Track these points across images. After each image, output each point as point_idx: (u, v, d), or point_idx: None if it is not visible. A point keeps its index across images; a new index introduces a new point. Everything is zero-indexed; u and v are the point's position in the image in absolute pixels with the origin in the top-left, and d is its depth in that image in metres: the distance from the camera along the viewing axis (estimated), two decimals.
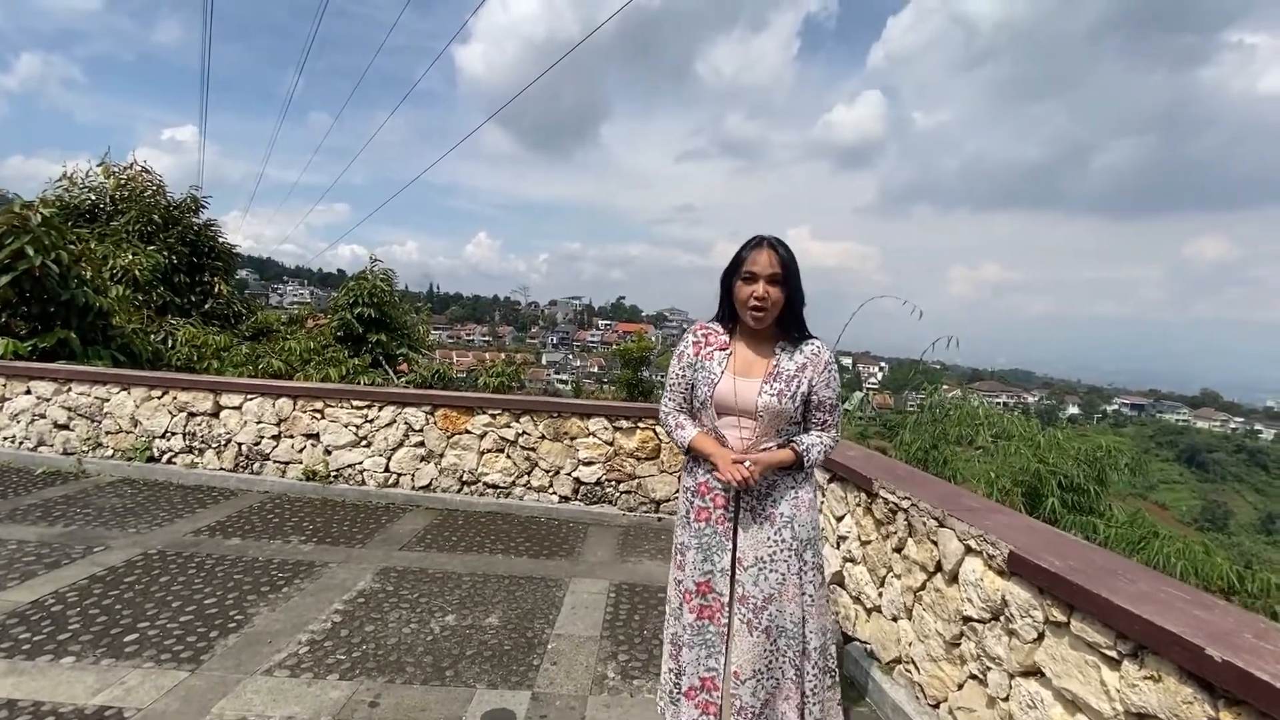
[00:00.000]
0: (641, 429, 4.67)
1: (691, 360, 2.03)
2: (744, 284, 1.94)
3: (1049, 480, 6.30)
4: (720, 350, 2.01)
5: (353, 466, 4.95)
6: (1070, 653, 1.72)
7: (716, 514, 1.99)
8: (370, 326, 10.32)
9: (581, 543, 4.23)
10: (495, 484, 4.80)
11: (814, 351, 1.98)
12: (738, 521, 1.98)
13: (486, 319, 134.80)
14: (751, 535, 1.96)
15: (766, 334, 2.00)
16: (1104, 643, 1.61)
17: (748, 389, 1.94)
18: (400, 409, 4.89)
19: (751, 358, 1.99)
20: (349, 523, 4.37)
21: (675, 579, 2.09)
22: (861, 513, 2.89)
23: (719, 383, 1.96)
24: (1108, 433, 11.76)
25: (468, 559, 3.84)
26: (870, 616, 2.79)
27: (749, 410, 1.93)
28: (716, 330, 2.06)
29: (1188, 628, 1.43)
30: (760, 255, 1.92)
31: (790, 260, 1.93)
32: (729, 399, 1.95)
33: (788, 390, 1.93)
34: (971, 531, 2.13)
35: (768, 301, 1.90)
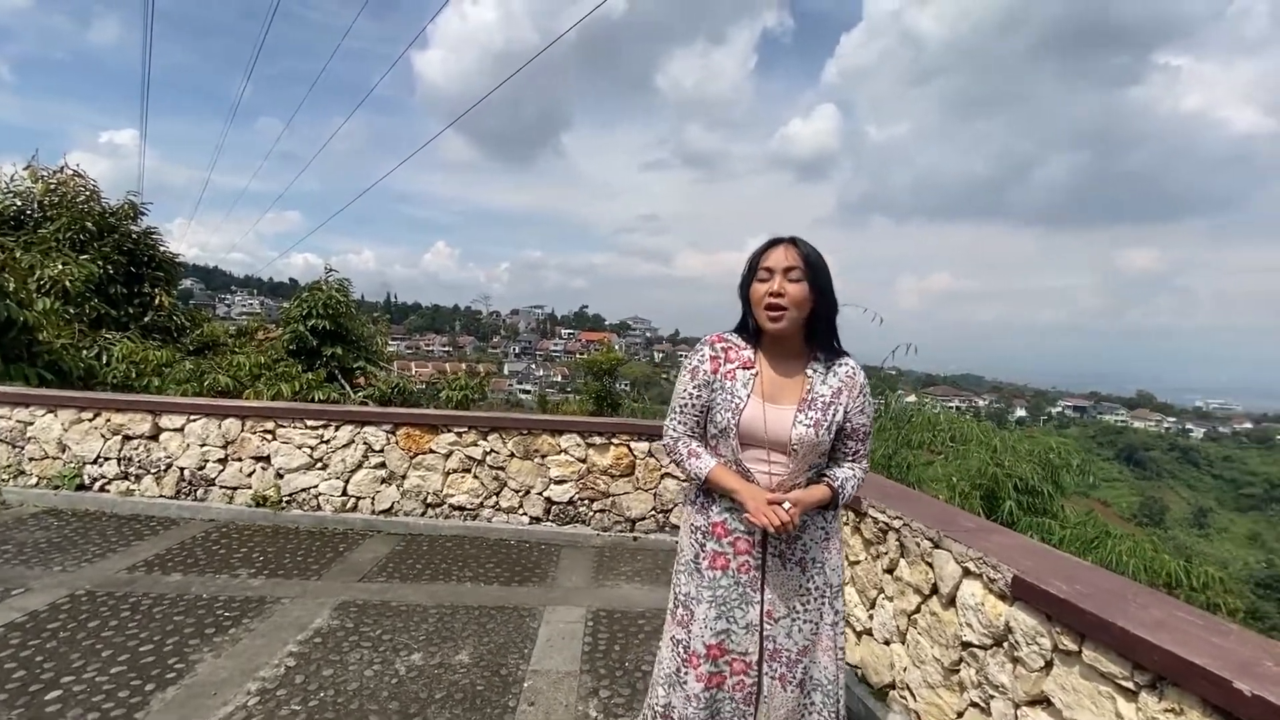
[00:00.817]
0: (615, 445, 4.52)
1: (708, 378, 1.74)
2: (759, 283, 1.69)
3: (1005, 484, 6.42)
4: (744, 369, 1.72)
5: (307, 491, 4.66)
6: (1082, 683, 1.65)
7: (739, 561, 1.72)
8: (325, 339, 9.89)
9: (555, 566, 4.05)
10: (462, 506, 4.57)
11: (849, 373, 1.74)
12: (765, 569, 1.72)
13: (446, 329, 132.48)
14: (782, 584, 1.73)
15: (794, 350, 1.75)
16: (1120, 673, 1.55)
17: (779, 418, 1.68)
18: (359, 428, 4.62)
19: (781, 380, 1.72)
20: (303, 552, 4.09)
21: (674, 637, 1.79)
22: (849, 531, 2.81)
23: (745, 409, 1.68)
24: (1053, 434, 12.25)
25: (434, 589, 3.62)
26: (860, 639, 2.70)
27: (781, 443, 1.67)
28: (738, 344, 1.76)
29: (1211, 658, 1.37)
30: (776, 251, 1.68)
31: (816, 257, 1.67)
32: (757, 429, 1.67)
33: (824, 420, 1.68)
34: (970, 554, 2.06)
35: (784, 298, 1.65)
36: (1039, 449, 6.92)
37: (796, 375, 1.73)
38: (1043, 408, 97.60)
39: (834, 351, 1.75)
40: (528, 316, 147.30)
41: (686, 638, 1.76)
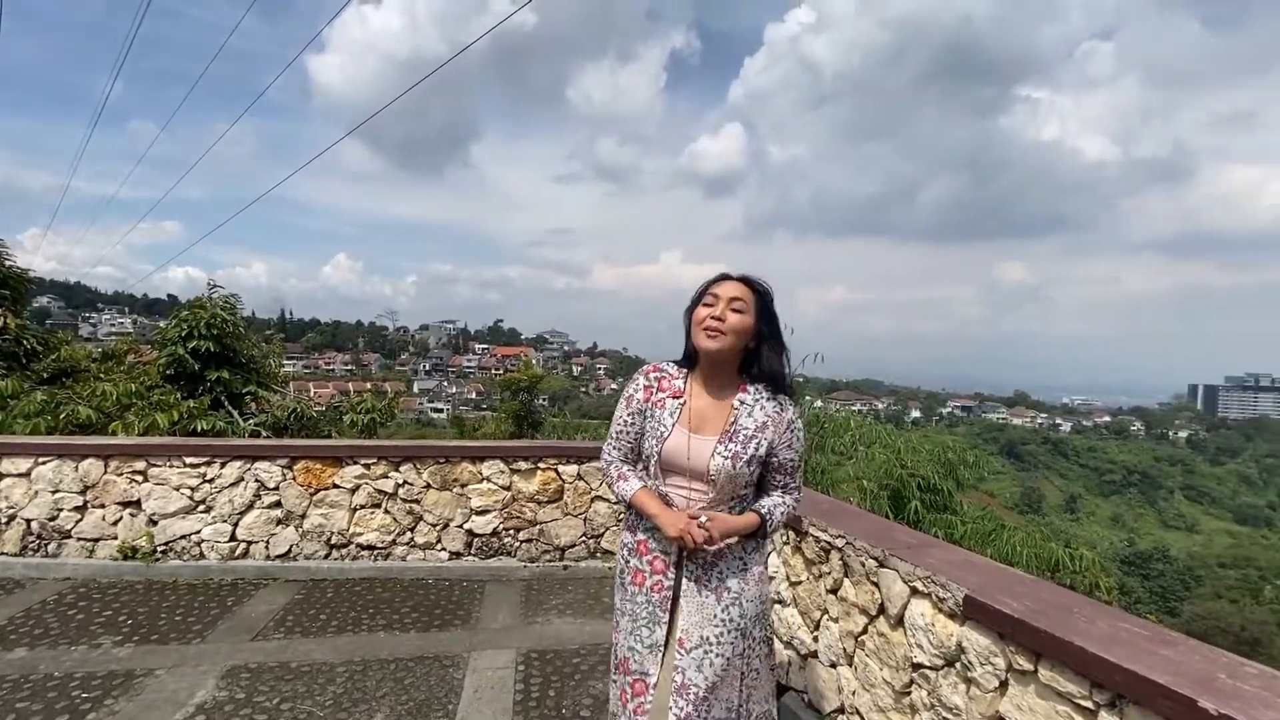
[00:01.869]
0: (542, 470, 4.28)
1: (641, 406, 1.80)
2: (704, 307, 1.74)
3: (910, 483, 6.73)
4: (673, 398, 1.77)
5: (187, 538, 4.10)
6: (1039, 703, 1.63)
7: (654, 580, 1.75)
8: (209, 362, 8.96)
9: (479, 605, 3.75)
10: (371, 544, 4.18)
11: (776, 409, 1.76)
12: (678, 592, 1.74)
13: (349, 346, 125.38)
14: (695, 611, 1.72)
15: (727, 381, 1.78)
16: (1078, 692, 1.53)
17: (701, 448, 1.71)
18: (249, 464, 4.13)
19: (708, 411, 1.75)
20: (183, 610, 3.57)
21: (614, 641, 1.87)
22: (790, 551, 2.75)
23: (669, 437, 1.72)
24: (945, 433, 13.16)
25: (341, 642, 3.24)
26: (806, 663, 2.64)
27: (700, 472, 1.71)
28: (671, 374, 1.82)
29: (1168, 674, 1.36)
30: (727, 283, 1.75)
31: (764, 295, 1.75)
32: (679, 457, 1.72)
33: (744, 453, 1.70)
34: (917, 572, 2.03)
35: (724, 323, 1.69)
36: (937, 448, 7.33)
37: (724, 407, 1.76)
38: (934, 409, 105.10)
39: (769, 388, 1.77)
40: (438, 332, 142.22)
41: (616, 644, 1.84)
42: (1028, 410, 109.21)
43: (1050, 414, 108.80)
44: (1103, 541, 51.87)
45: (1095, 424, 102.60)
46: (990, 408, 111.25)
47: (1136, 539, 62.79)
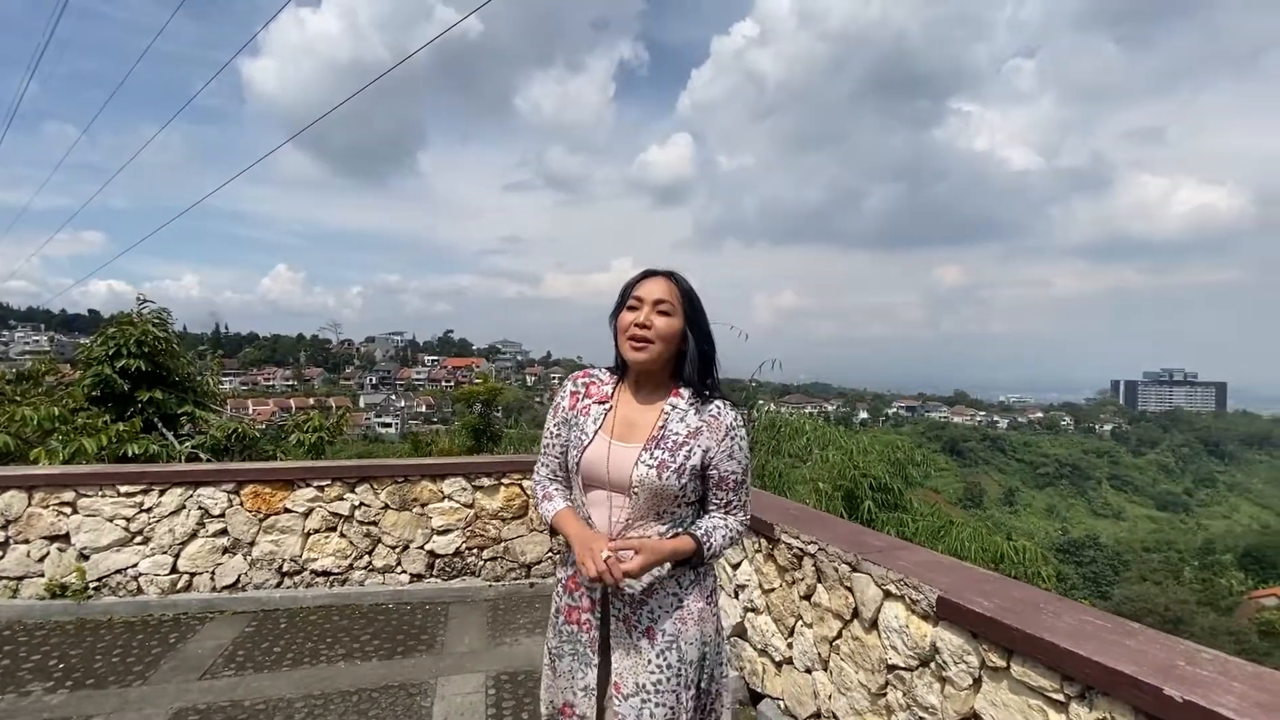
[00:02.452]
0: (506, 485, 4.20)
1: (566, 415, 1.63)
2: (628, 312, 1.55)
3: (862, 483, 6.94)
4: (598, 404, 1.59)
5: (123, 572, 3.83)
6: (1012, 698, 1.68)
7: (583, 617, 1.56)
8: (140, 382, 8.44)
9: (443, 629, 3.64)
10: (327, 570, 4.00)
11: (714, 413, 1.54)
12: (607, 632, 1.53)
13: (290, 361, 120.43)
14: (628, 654, 1.51)
15: (658, 386, 1.59)
16: (1049, 685, 1.59)
17: (624, 456, 1.50)
18: (191, 490, 3.90)
19: (635, 417, 1.56)
20: (121, 650, 3.33)
21: (544, 685, 1.68)
22: (762, 559, 2.78)
23: (589, 445, 1.54)
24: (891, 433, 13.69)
25: (298, 676, 3.09)
26: (781, 670, 2.66)
27: (623, 484, 1.50)
28: (601, 379, 1.65)
29: (1133, 664, 1.42)
30: (650, 282, 1.56)
31: (690, 294, 1.57)
32: (599, 468, 1.51)
33: (671, 461, 1.48)
34: (890, 576, 2.07)
35: (650, 331, 1.51)
36: (886, 448, 7.57)
37: (651, 414, 1.56)
38: (881, 410, 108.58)
39: (703, 391, 1.58)
40: (385, 344, 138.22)
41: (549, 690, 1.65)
42: (967, 409, 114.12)
43: (988, 412, 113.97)
44: (1039, 532, 54.59)
45: (1029, 420, 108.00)
46: (932, 407, 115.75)
47: (1069, 528, 66.31)
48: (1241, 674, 1.39)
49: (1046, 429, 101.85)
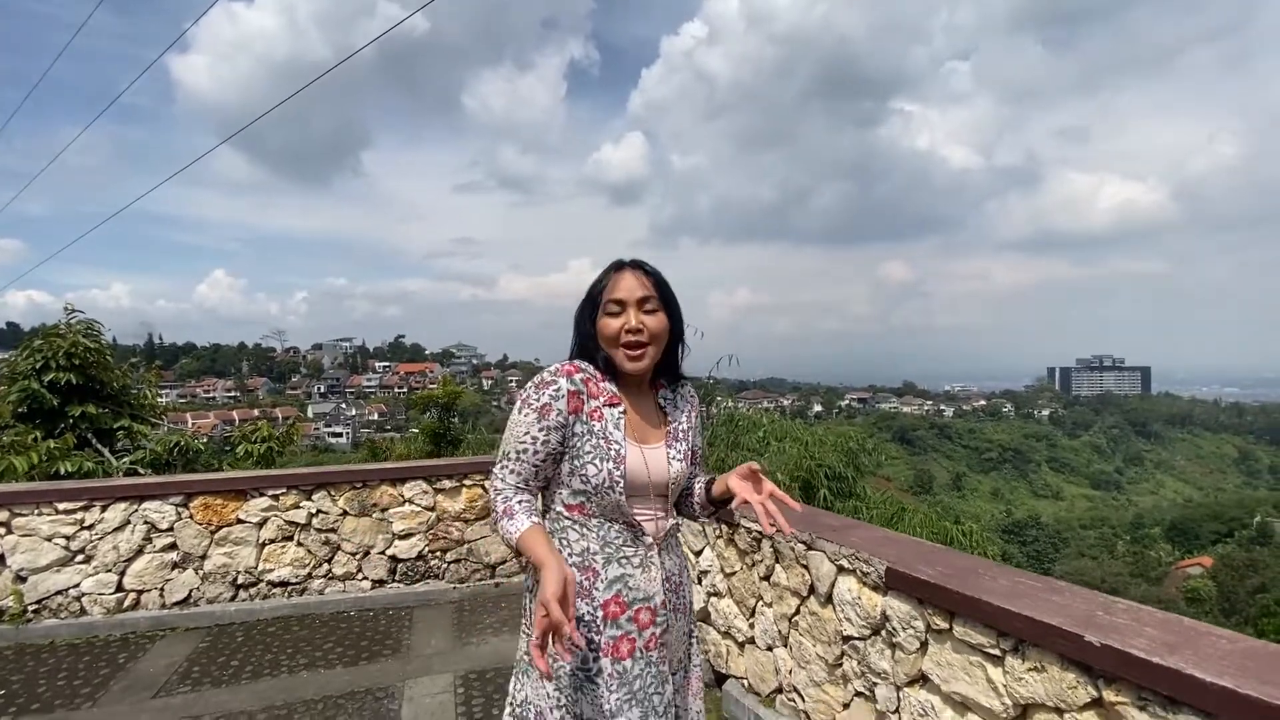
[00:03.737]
0: (468, 487, 4.18)
1: (564, 420, 1.41)
2: (610, 318, 1.46)
3: (818, 473, 7.18)
4: (610, 406, 1.45)
5: (64, 593, 3.66)
6: (955, 657, 1.82)
7: (645, 636, 1.43)
8: (71, 396, 8.02)
9: (409, 632, 3.61)
10: (284, 580, 3.91)
11: (690, 396, 1.61)
12: (668, 627, 1.47)
13: (231, 371, 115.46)
14: (675, 637, 1.52)
15: (645, 380, 1.54)
16: (987, 643, 1.72)
17: (655, 459, 1.46)
18: (136, 505, 3.75)
19: (643, 416, 1.51)
20: (66, 673, 3.19)
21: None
22: (723, 544, 2.87)
23: (627, 455, 1.42)
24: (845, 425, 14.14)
25: (260, 688, 3.03)
26: (744, 650, 2.76)
27: (661, 486, 1.46)
28: (598, 377, 1.48)
29: (1059, 617, 1.57)
30: (624, 279, 1.47)
31: (664, 283, 1.50)
32: (641, 475, 1.43)
33: (687, 450, 1.54)
34: (843, 551, 2.19)
35: (645, 334, 1.44)
36: (840, 439, 7.85)
37: (652, 408, 1.55)
38: (834, 402, 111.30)
39: (676, 376, 1.60)
40: (333, 351, 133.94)
41: None
42: (916, 398, 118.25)
43: (935, 401, 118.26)
44: (986, 514, 57.00)
45: (973, 407, 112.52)
46: (883, 398, 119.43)
47: (1013, 509, 69.45)
48: (1152, 620, 1.54)
49: (989, 416, 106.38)
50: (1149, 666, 1.36)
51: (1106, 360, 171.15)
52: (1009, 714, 1.68)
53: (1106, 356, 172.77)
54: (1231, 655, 1.36)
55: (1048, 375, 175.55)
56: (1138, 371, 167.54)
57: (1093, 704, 1.49)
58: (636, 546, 1.44)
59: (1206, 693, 1.27)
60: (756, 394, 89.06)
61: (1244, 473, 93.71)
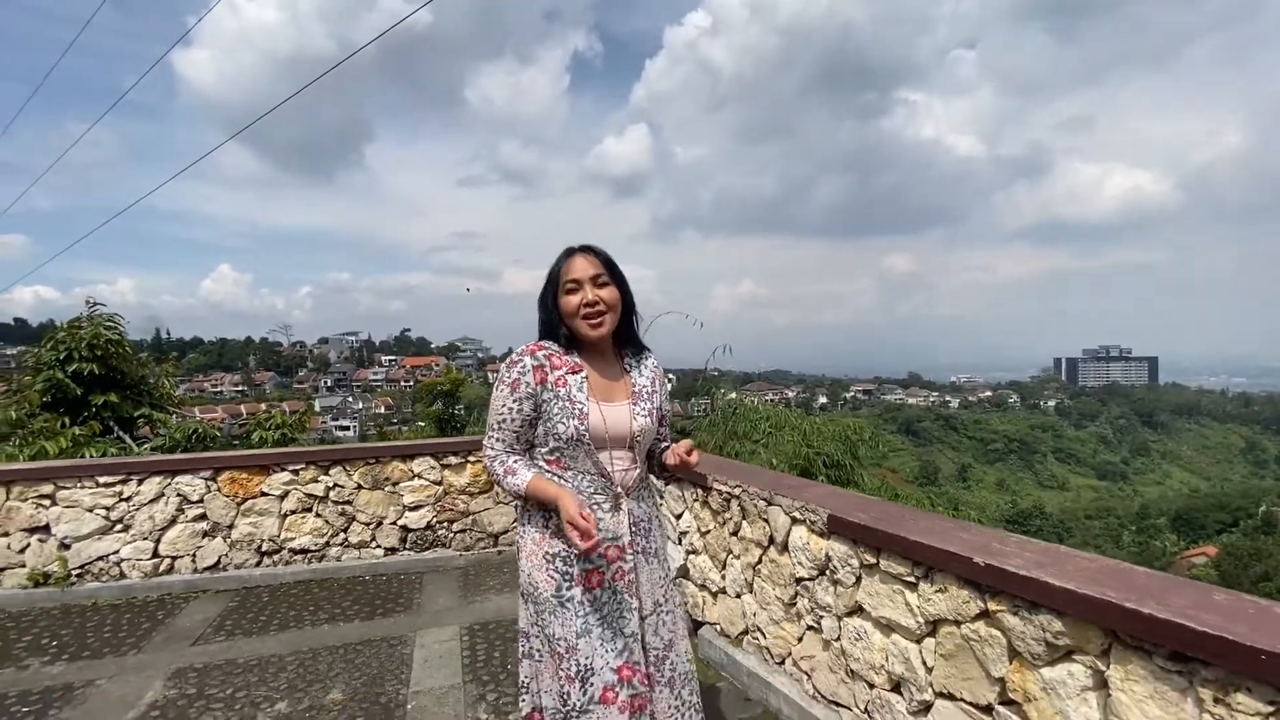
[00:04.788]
0: (472, 463, 4.53)
1: (533, 390, 1.69)
2: (569, 295, 1.72)
3: (816, 460, 7.48)
4: (573, 373, 1.72)
5: (105, 559, 4.03)
6: (881, 586, 2.14)
7: (614, 569, 1.71)
8: (93, 386, 8.41)
9: (419, 593, 3.97)
10: (305, 548, 4.27)
11: (655, 365, 1.89)
12: (636, 569, 1.75)
13: (238, 366, 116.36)
14: (647, 580, 1.77)
15: (607, 350, 1.81)
16: (904, 572, 2.04)
17: (616, 415, 1.73)
18: (169, 479, 4.11)
19: (606, 380, 1.77)
20: (111, 628, 3.56)
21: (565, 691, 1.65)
22: (699, 507, 3.20)
23: (589, 412, 1.69)
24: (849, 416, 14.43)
25: (286, 637, 3.38)
26: (716, 599, 3.09)
27: (622, 438, 1.73)
28: (559, 351, 1.74)
29: (959, 547, 1.88)
30: (576, 261, 1.73)
31: (612, 261, 1.76)
32: (600, 430, 1.70)
33: (652, 409, 1.81)
34: (795, 504, 2.51)
35: (601, 303, 1.71)
36: (840, 429, 8.15)
37: (617, 373, 1.80)
38: (839, 394, 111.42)
39: (638, 347, 1.87)
40: (339, 345, 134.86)
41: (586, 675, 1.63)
42: (921, 390, 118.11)
43: (940, 392, 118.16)
44: (990, 505, 57.17)
45: (979, 398, 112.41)
46: (888, 390, 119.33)
47: (1018, 500, 69.56)
48: (1033, 549, 1.86)
49: (995, 407, 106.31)
50: (1018, 579, 1.68)
51: (1113, 351, 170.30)
52: (922, 630, 2.00)
53: (1113, 347, 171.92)
54: (1087, 570, 1.67)
55: (1054, 366, 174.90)
56: (1144, 362, 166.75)
57: (981, 615, 1.81)
58: (606, 494, 1.73)
59: (1056, 594, 1.59)
60: (761, 386, 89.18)
61: (1251, 462, 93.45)
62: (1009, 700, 1.75)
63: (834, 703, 2.37)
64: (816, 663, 2.45)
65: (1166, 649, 1.40)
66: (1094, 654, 1.55)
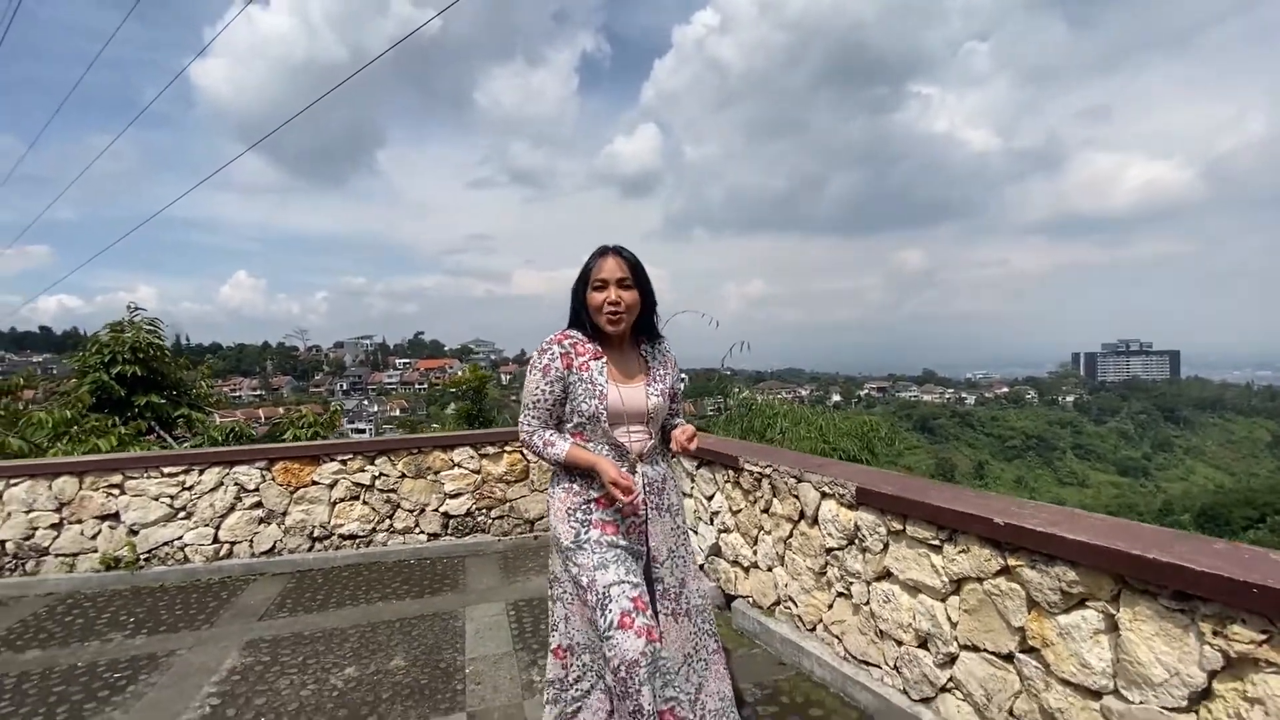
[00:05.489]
0: (509, 452, 4.75)
1: (561, 374, 1.96)
2: (595, 292, 1.97)
3: (832, 456, 7.63)
4: (595, 359, 1.99)
5: (170, 544, 4.30)
6: (908, 551, 2.32)
7: (626, 523, 1.98)
8: (136, 387, 8.77)
9: (463, 575, 4.20)
10: (353, 534, 4.52)
11: (665, 350, 2.15)
12: (647, 521, 2.02)
13: (256, 371, 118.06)
14: (659, 531, 2.03)
15: (627, 338, 2.06)
16: (929, 536, 2.22)
17: (633, 395, 1.99)
18: (228, 469, 4.38)
19: (624, 364, 2.04)
20: (180, 607, 3.82)
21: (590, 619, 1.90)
22: (730, 487, 3.39)
23: (608, 392, 1.95)
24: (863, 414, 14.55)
25: (345, 613, 3.62)
26: (749, 574, 3.28)
27: (639, 415, 1.99)
28: (583, 340, 2.01)
29: (981, 510, 2.06)
30: (607, 262, 1.97)
31: (638, 264, 2.00)
32: (619, 408, 1.96)
33: (666, 389, 2.06)
34: (824, 480, 2.70)
35: (621, 306, 1.95)
36: (857, 426, 8.29)
37: (634, 359, 2.07)
38: (853, 392, 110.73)
39: (655, 336, 2.13)
40: (354, 349, 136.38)
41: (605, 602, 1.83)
42: (936, 387, 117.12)
43: (956, 389, 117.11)
44: None
45: (995, 395, 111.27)
46: (902, 387, 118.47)
47: (1037, 497, 68.67)
48: (1048, 511, 2.03)
49: (1012, 403, 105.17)
50: (1036, 535, 1.86)
51: (1133, 344, 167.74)
52: (947, 589, 2.18)
53: (1133, 341, 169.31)
54: (1099, 527, 1.85)
55: (1072, 361, 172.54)
56: (1166, 356, 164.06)
57: (1002, 571, 1.99)
58: (623, 461, 1.99)
59: (1070, 547, 1.77)
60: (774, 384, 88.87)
61: (1278, 457, 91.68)
62: (1029, 648, 1.93)
63: (864, 662, 2.55)
64: (847, 626, 2.63)
65: (1170, 590, 1.58)
66: (1105, 600, 1.73)
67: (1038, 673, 1.89)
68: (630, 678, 1.75)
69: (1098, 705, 1.75)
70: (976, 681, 2.09)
